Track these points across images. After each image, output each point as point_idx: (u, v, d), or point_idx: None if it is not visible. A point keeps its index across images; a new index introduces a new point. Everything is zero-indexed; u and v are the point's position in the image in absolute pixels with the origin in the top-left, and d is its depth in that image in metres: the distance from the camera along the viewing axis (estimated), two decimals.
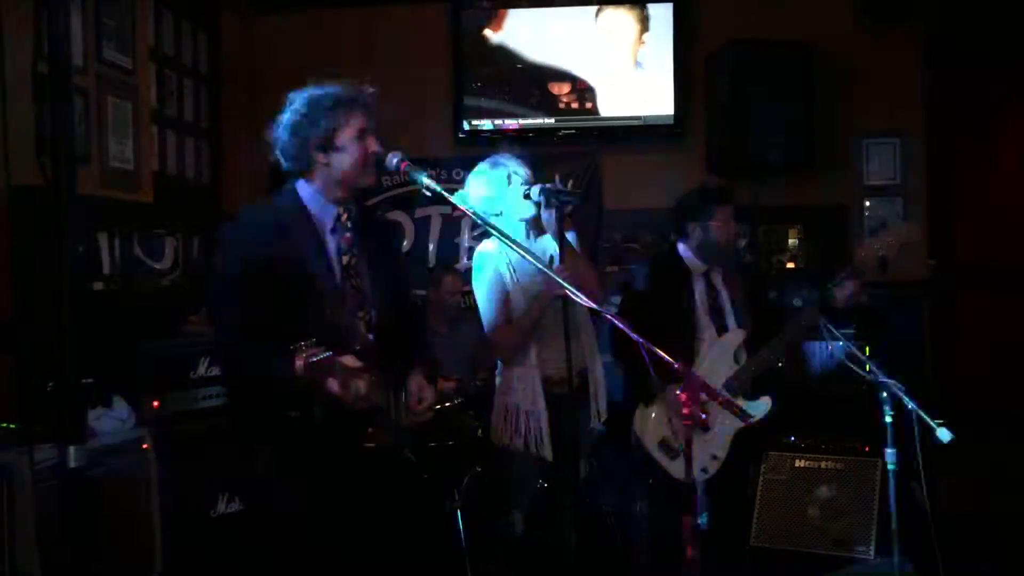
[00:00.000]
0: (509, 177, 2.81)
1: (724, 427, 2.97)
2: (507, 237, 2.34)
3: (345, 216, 2.28)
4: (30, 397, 2.73)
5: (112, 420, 2.87)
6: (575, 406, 2.80)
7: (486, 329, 2.88)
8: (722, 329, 3.09)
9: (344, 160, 2.22)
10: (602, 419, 2.92)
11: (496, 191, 2.82)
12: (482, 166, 2.88)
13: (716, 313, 3.11)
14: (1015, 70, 6.16)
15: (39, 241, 2.89)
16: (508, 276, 2.83)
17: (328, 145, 2.22)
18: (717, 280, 3.16)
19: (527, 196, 2.77)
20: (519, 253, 2.36)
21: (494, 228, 2.38)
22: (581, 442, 2.86)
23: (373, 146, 2.24)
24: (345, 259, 2.26)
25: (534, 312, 2.77)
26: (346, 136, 2.21)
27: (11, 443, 2.49)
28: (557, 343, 2.81)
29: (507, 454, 2.83)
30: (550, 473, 2.85)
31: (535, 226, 2.87)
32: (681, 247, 3.17)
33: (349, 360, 2.04)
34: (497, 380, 2.95)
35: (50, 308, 1.58)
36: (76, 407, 1.60)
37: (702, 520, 2.29)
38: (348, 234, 2.28)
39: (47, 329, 1.58)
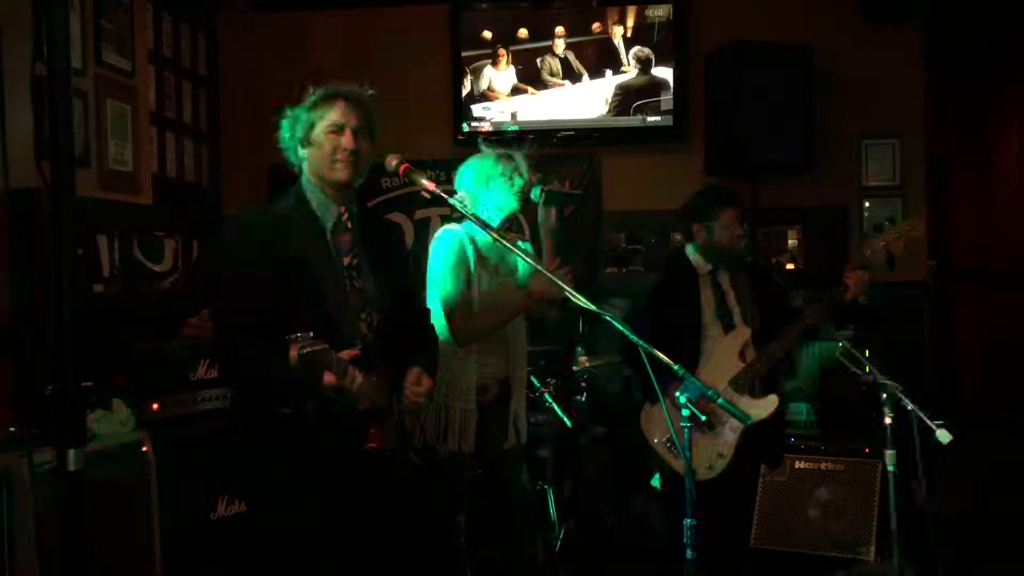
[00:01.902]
0: (511, 177, 2.81)
1: (730, 426, 2.97)
2: (506, 240, 2.34)
3: (346, 216, 2.28)
4: (30, 400, 2.73)
5: (111, 423, 2.86)
6: (500, 413, 2.81)
7: (443, 305, 2.73)
8: (729, 328, 3.11)
9: (315, 154, 2.23)
10: (521, 440, 2.88)
11: (491, 181, 2.80)
12: (489, 153, 2.85)
13: (723, 313, 3.13)
14: (1014, 71, 6.18)
15: (39, 243, 2.90)
16: (473, 259, 2.77)
17: (306, 141, 2.23)
18: (724, 281, 3.18)
19: (524, 196, 2.77)
20: (515, 252, 2.36)
21: (494, 230, 2.39)
22: (503, 452, 2.84)
23: (348, 142, 2.20)
24: (346, 260, 2.26)
25: (509, 309, 2.75)
26: (319, 129, 2.22)
27: (10, 446, 2.48)
28: (495, 348, 2.81)
29: (439, 456, 2.76)
30: (485, 472, 2.82)
31: (513, 228, 2.86)
32: (688, 248, 3.22)
33: (348, 355, 2.04)
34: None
35: (50, 311, 1.57)
36: (75, 410, 1.59)
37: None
38: (348, 235, 2.28)
39: (46, 331, 1.58)
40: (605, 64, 4.94)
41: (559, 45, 4.95)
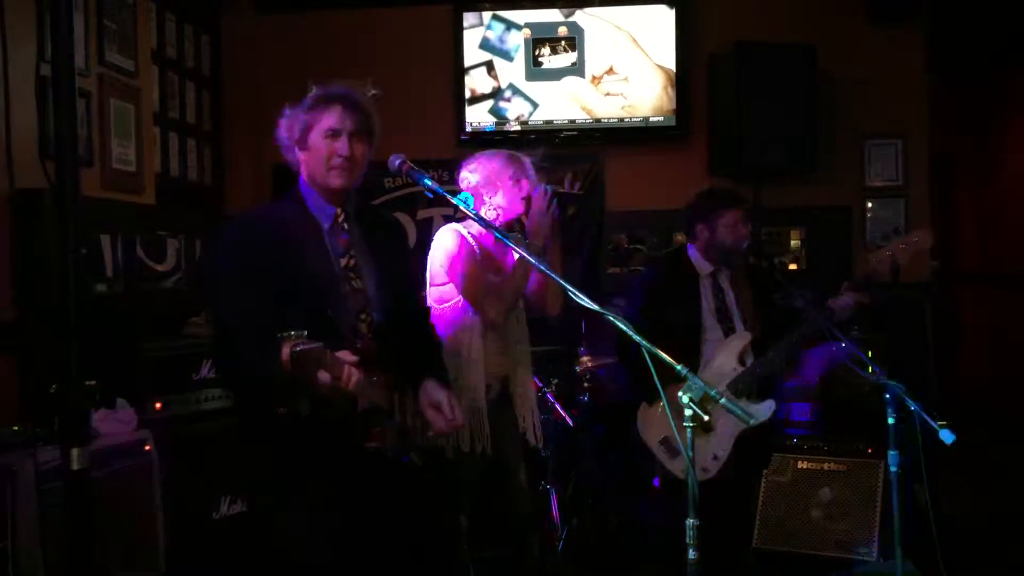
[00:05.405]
0: (518, 180, 2.80)
1: (727, 428, 2.97)
2: (509, 238, 2.35)
3: (343, 217, 2.28)
4: (34, 399, 2.73)
5: (115, 422, 2.87)
6: (505, 410, 2.81)
7: (466, 296, 2.75)
8: (729, 331, 3.10)
9: (311, 158, 2.22)
10: (538, 439, 2.88)
11: (499, 179, 2.79)
12: (501, 152, 2.84)
13: (723, 315, 3.13)
14: (1017, 72, 6.17)
15: (43, 243, 2.91)
16: (477, 254, 2.78)
17: (303, 143, 2.22)
18: (725, 282, 3.18)
19: (527, 201, 2.76)
20: (517, 250, 2.37)
21: (498, 231, 2.39)
22: (511, 449, 2.84)
23: (343, 148, 2.18)
24: (343, 261, 2.25)
25: (518, 279, 2.73)
26: (316, 133, 2.20)
27: (15, 445, 2.49)
28: (498, 347, 2.80)
29: (446, 454, 2.72)
30: (491, 472, 2.80)
31: (515, 229, 2.85)
32: (690, 249, 3.22)
33: (345, 355, 2.03)
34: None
35: (54, 310, 1.58)
36: (79, 409, 1.59)
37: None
38: (345, 236, 2.27)
39: (51, 331, 1.59)
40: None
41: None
